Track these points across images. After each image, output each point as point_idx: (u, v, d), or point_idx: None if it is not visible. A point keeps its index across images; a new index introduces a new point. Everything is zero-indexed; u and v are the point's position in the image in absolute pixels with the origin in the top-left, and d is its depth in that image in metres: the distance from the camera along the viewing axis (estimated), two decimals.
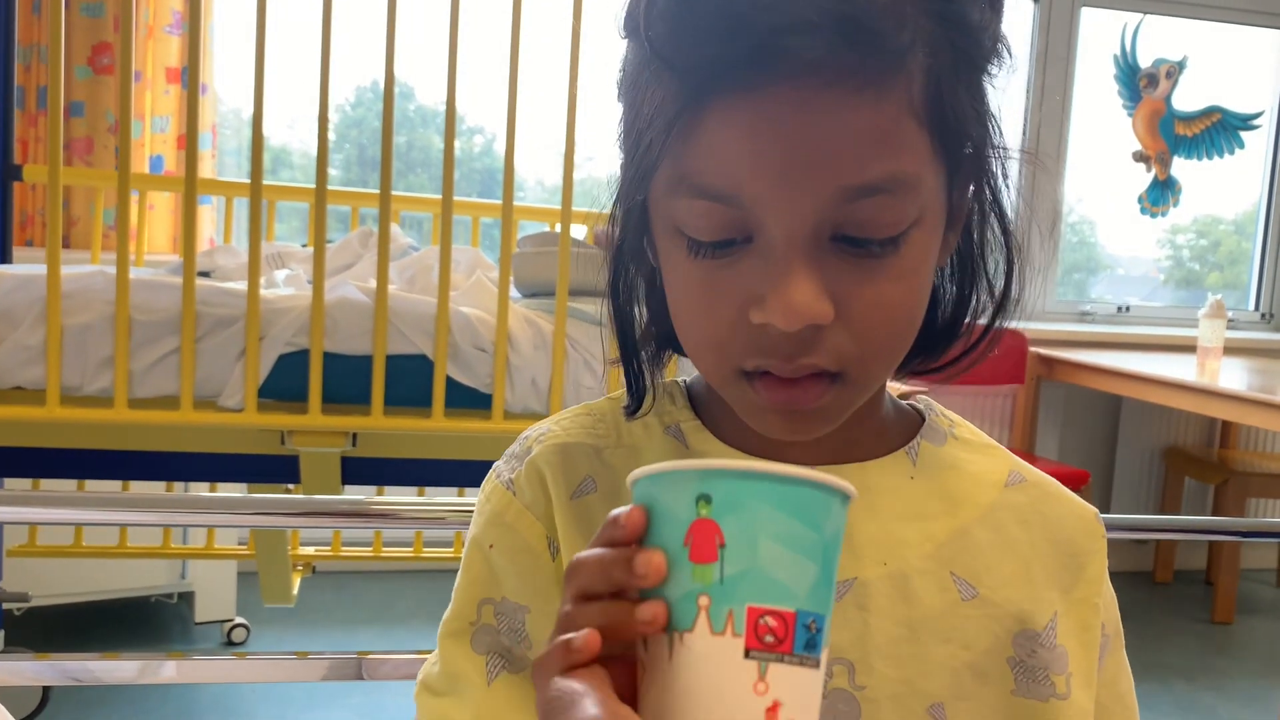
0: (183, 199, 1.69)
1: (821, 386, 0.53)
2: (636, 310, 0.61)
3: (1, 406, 1.57)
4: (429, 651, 0.61)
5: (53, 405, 1.56)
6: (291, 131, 3.73)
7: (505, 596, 0.59)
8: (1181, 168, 4.16)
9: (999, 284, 0.59)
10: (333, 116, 3.25)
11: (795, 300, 0.49)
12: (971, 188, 0.56)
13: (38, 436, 1.61)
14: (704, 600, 0.41)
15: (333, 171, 3.72)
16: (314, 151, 1.84)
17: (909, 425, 0.63)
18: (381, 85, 1.62)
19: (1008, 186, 0.57)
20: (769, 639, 0.40)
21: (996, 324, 0.60)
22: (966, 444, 0.63)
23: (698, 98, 0.49)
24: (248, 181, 1.65)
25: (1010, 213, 0.58)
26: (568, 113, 1.71)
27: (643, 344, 0.62)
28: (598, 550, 0.45)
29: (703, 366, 0.57)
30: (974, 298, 0.59)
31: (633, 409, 0.62)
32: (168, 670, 1.64)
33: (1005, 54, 0.54)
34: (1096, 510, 0.64)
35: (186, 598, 2.83)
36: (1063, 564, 0.61)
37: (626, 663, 0.44)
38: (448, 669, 0.59)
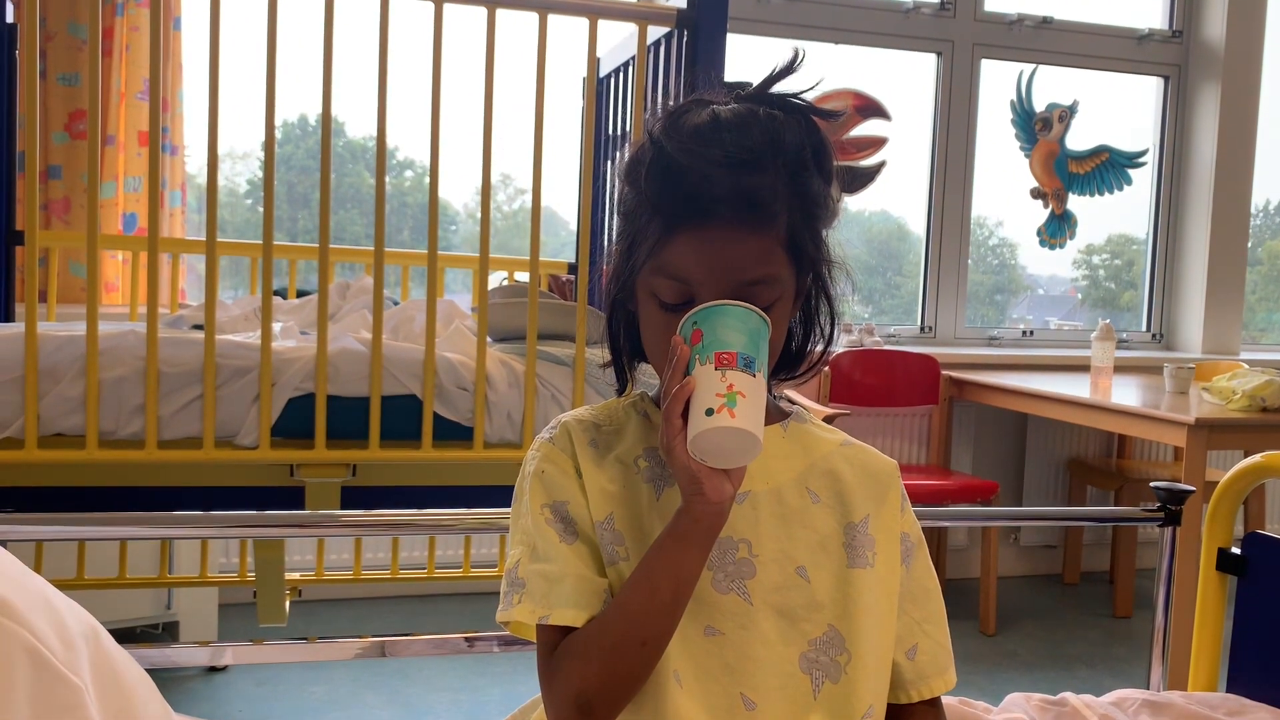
0: (206, 262, 1.92)
1: None
2: (622, 333, 0.99)
3: (47, 450, 1.80)
4: None
5: (92, 448, 1.80)
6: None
7: (555, 499, 0.93)
8: (1076, 203, 4.56)
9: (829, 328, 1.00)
10: (260, 155, 3.21)
11: None
12: (811, 279, 0.94)
13: (79, 476, 1.84)
14: (697, 357, 0.84)
15: (261, 210, 3.71)
16: (239, 189, 2.02)
17: (784, 414, 1.00)
18: (311, 120, 1.86)
19: (831, 280, 0.95)
20: (724, 361, 0.83)
21: (826, 352, 1.00)
22: (818, 426, 1.02)
23: (671, 227, 0.88)
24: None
25: (835, 290, 0.97)
26: (533, 182, 1.99)
27: (624, 352, 1.00)
28: (671, 363, 0.85)
29: (658, 368, 0.92)
30: (810, 337, 0.99)
31: (620, 390, 1.02)
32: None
33: (834, 207, 0.93)
34: (896, 462, 1.02)
35: (170, 628, 3.02)
36: (873, 488, 0.98)
37: None
38: (542, 546, 0.91)
